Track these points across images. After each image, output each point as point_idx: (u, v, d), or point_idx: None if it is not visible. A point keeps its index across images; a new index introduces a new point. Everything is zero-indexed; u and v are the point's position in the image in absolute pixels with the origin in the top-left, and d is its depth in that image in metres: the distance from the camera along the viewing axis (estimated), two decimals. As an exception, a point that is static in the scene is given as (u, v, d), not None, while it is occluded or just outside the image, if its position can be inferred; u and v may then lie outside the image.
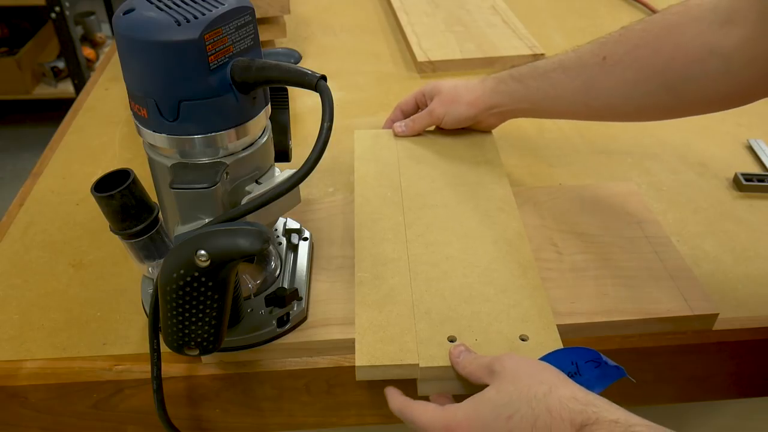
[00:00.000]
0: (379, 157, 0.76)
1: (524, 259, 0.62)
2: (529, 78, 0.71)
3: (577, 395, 0.44)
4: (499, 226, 0.66)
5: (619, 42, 0.64)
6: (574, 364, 0.49)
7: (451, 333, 0.55)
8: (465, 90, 0.76)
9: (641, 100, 0.64)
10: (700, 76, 0.58)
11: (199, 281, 0.45)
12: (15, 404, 0.58)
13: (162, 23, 0.45)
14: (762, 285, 0.65)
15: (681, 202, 0.76)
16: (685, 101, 0.61)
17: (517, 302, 0.58)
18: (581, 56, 0.67)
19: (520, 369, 0.47)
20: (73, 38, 2.33)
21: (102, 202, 0.49)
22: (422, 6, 1.26)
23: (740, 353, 0.61)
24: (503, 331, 0.55)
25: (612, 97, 0.65)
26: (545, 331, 0.55)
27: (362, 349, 0.54)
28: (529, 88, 0.71)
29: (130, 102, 0.50)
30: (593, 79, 0.66)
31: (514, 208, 0.68)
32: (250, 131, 0.51)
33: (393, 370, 0.53)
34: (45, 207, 0.77)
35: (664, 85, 0.61)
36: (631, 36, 0.63)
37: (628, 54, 0.63)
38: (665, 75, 0.60)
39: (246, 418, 0.61)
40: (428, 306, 0.57)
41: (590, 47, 0.66)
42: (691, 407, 0.71)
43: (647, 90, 0.62)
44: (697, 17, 0.58)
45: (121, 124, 0.93)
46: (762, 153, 0.83)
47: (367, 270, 0.61)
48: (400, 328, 0.56)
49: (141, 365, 0.57)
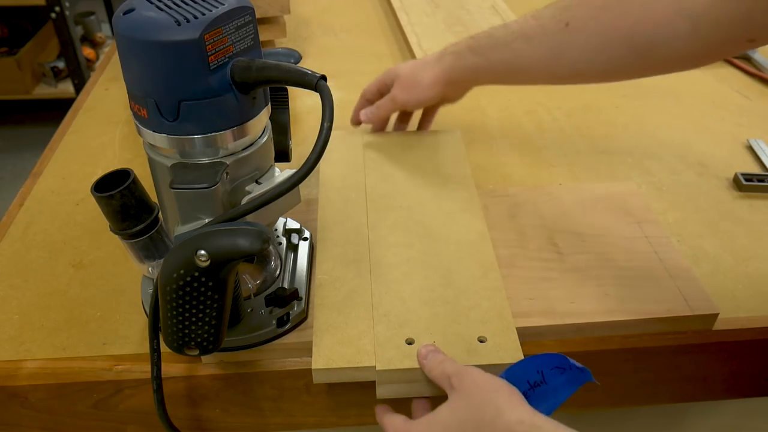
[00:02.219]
0: (344, 158, 0.76)
1: (486, 260, 0.62)
2: (489, 50, 0.68)
3: (524, 419, 0.43)
4: (462, 227, 0.66)
5: (582, 4, 0.61)
6: (540, 372, 0.48)
7: (409, 335, 0.55)
8: (423, 71, 0.74)
9: (607, 65, 0.62)
10: (668, 38, 0.56)
11: (199, 281, 0.45)
12: (15, 404, 0.58)
13: (162, 23, 0.45)
14: (762, 285, 0.65)
15: (681, 202, 0.76)
16: (651, 63, 0.59)
17: (476, 304, 0.57)
18: (543, 23, 0.64)
19: (475, 390, 0.47)
20: (73, 38, 2.33)
21: (102, 202, 0.49)
22: (422, 6, 1.26)
23: (740, 353, 0.61)
24: (461, 333, 0.55)
25: (578, 63, 0.63)
26: (503, 333, 0.55)
27: (319, 351, 0.54)
28: (491, 60, 0.68)
29: (130, 102, 0.50)
30: (558, 48, 0.63)
31: (477, 208, 0.68)
32: (250, 131, 0.51)
33: (350, 372, 0.53)
34: (45, 207, 0.77)
35: (632, 48, 0.59)
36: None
37: (593, 19, 0.60)
38: (632, 39, 0.58)
39: (246, 418, 0.61)
40: (387, 308, 0.57)
41: (551, 11, 0.63)
42: (691, 407, 0.71)
43: (614, 55, 0.60)
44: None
45: (121, 124, 0.93)
46: (762, 153, 0.83)
47: (327, 272, 0.61)
48: (357, 330, 0.55)
49: (141, 365, 0.57)
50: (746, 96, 0.98)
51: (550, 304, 0.59)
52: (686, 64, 0.59)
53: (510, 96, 0.99)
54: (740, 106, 0.95)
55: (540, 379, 0.48)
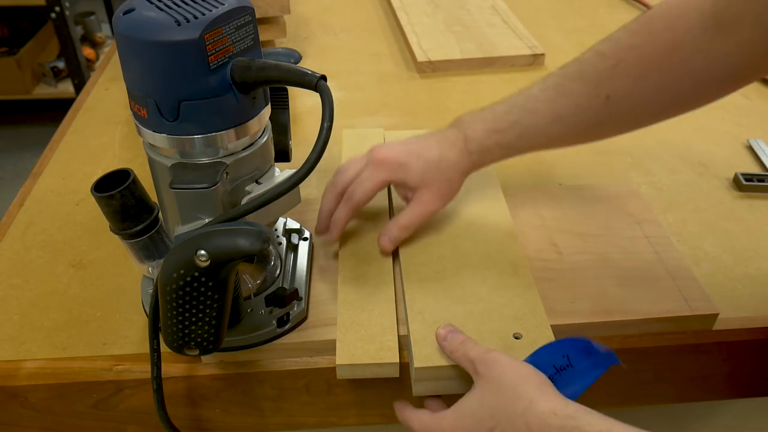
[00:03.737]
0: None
1: (516, 258, 0.62)
2: (519, 140, 0.61)
3: (557, 409, 0.43)
4: (490, 225, 0.66)
5: (619, 76, 0.58)
6: (566, 356, 0.49)
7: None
8: (451, 172, 0.62)
9: (652, 121, 0.62)
10: (710, 82, 0.56)
11: (199, 281, 0.45)
12: (15, 404, 0.58)
13: (162, 23, 0.44)
14: (762, 285, 0.65)
15: (681, 202, 0.76)
16: (693, 106, 0.60)
17: (509, 301, 0.58)
18: (578, 102, 0.59)
19: (504, 379, 0.46)
20: (73, 38, 2.33)
21: (102, 202, 0.49)
22: (422, 6, 1.26)
23: (740, 353, 0.61)
24: (496, 329, 0.55)
25: (618, 130, 0.63)
26: (538, 329, 0.55)
27: (343, 347, 0.54)
28: (522, 148, 0.63)
29: (130, 102, 0.50)
30: (598, 122, 0.60)
31: (504, 207, 0.68)
32: (250, 131, 0.51)
33: (373, 368, 0.53)
34: (45, 207, 0.77)
35: (677, 102, 0.59)
36: (630, 67, 0.57)
37: (636, 86, 0.57)
38: (678, 93, 0.58)
39: (246, 418, 0.61)
40: (421, 306, 0.57)
41: (584, 87, 0.59)
42: (691, 407, 0.71)
43: (659, 114, 0.61)
44: (689, 28, 0.55)
45: (121, 124, 0.93)
46: (762, 153, 0.83)
47: (351, 269, 0.61)
48: (381, 327, 0.56)
49: (141, 365, 0.57)
50: (746, 96, 0.98)
51: (550, 304, 0.59)
52: (727, 92, 0.58)
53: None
54: (740, 106, 0.95)
55: (566, 363, 0.49)
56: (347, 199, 0.62)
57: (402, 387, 0.56)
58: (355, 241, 0.64)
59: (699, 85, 0.57)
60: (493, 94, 0.98)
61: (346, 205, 0.62)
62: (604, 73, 0.58)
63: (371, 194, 0.61)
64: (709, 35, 0.54)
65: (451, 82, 1.03)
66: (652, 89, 0.57)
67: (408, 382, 0.54)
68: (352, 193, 0.61)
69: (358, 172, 0.62)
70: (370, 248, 0.64)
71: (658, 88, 0.57)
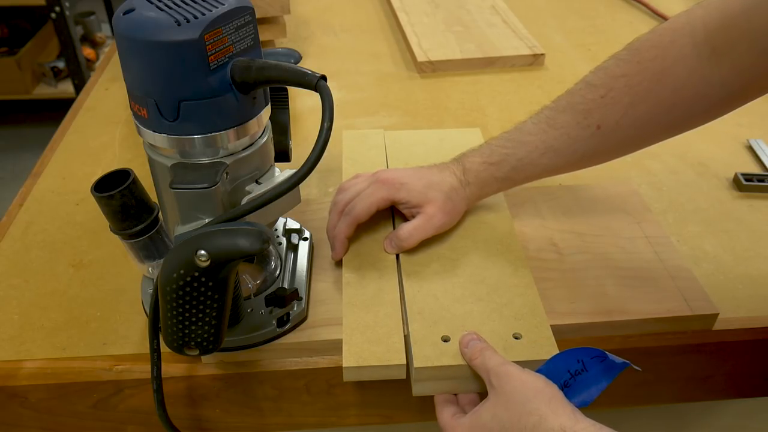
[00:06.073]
0: (367, 158, 0.76)
1: (516, 258, 0.62)
2: (514, 172, 0.63)
3: (566, 426, 0.44)
4: (490, 225, 0.66)
5: (607, 105, 0.58)
6: (580, 361, 0.49)
7: (444, 333, 0.55)
8: (452, 194, 0.64)
9: (644, 146, 0.62)
10: (704, 107, 0.57)
11: (199, 281, 0.45)
12: (15, 404, 0.58)
13: (162, 23, 0.45)
14: (762, 285, 0.65)
15: (681, 202, 0.76)
16: (687, 129, 0.60)
17: (509, 300, 0.58)
18: (568, 132, 0.60)
19: (515, 394, 0.47)
20: (73, 38, 2.33)
21: (102, 202, 0.49)
22: (422, 6, 1.26)
23: (740, 353, 0.61)
24: (496, 329, 0.55)
25: (611, 156, 0.63)
26: (538, 329, 0.55)
27: (350, 350, 0.54)
28: (518, 180, 0.64)
29: (130, 102, 0.50)
30: (591, 151, 0.61)
31: (504, 207, 0.69)
32: (250, 131, 0.51)
33: (380, 370, 0.53)
34: (45, 207, 0.77)
35: (670, 127, 0.59)
36: (619, 96, 0.57)
37: (626, 116, 0.58)
38: (670, 120, 0.58)
39: (246, 418, 0.61)
40: (420, 306, 0.57)
41: (574, 118, 0.59)
42: (691, 407, 0.71)
43: (651, 139, 0.61)
44: (680, 56, 0.55)
45: (121, 124, 0.93)
46: (762, 153, 0.83)
47: (355, 271, 0.61)
48: (387, 328, 0.56)
49: (141, 365, 0.57)
50: (746, 96, 0.98)
51: (550, 304, 0.59)
52: (723, 114, 0.59)
53: (510, 96, 0.99)
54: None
55: (581, 368, 0.49)
56: (347, 213, 0.62)
57: (402, 387, 0.56)
58: (358, 242, 0.64)
59: (692, 110, 0.57)
60: (493, 94, 0.99)
61: (345, 219, 0.62)
62: (593, 103, 0.59)
63: (371, 210, 0.62)
64: (703, 62, 0.54)
65: (451, 82, 1.03)
66: (643, 118, 0.58)
67: (408, 382, 0.54)
68: (352, 207, 0.62)
69: (359, 191, 0.64)
70: (373, 249, 0.64)
71: (649, 116, 0.58)
